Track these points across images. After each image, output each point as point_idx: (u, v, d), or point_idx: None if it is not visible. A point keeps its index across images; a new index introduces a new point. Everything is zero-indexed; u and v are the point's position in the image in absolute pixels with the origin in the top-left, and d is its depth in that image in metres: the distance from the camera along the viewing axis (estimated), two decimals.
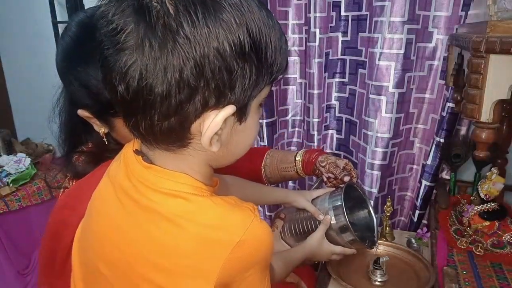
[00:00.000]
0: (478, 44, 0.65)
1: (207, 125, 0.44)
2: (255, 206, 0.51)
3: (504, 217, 1.06)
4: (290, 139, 1.58)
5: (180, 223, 0.45)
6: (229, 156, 0.52)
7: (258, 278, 0.49)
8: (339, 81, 1.45)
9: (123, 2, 0.41)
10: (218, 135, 0.45)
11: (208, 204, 0.47)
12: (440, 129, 1.26)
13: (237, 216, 0.47)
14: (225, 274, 0.45)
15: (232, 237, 0.45)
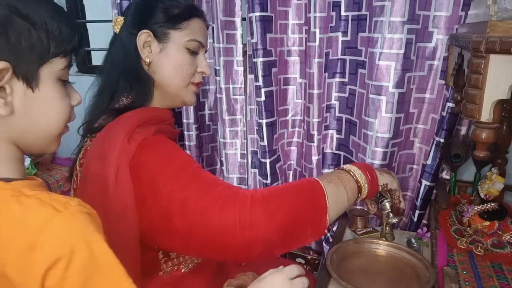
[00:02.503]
0: (478, 44, 0.65)
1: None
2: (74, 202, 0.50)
3: (504, 217, 1.06)
4: (290, 139, 1.58)
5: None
6: (33, 128, 0.53)
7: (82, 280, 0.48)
8: (339, 81, 1.45)
9: None
10: (3, 98, 0.49)
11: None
12: (440, 129, 1.26)
13: (35, 216, 0.47)
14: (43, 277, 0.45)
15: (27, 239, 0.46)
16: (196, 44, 0.89)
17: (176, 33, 0.87)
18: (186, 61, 0.88)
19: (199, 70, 0.92)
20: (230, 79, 1.52)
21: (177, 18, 0.87)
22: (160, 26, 0.86)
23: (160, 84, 0.88)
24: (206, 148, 1.71)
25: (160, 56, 0.87)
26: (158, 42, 0.86)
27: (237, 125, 1.58)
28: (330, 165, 1.56)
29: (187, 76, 0.89)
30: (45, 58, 0.51)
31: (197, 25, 0.90)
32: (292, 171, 1.63)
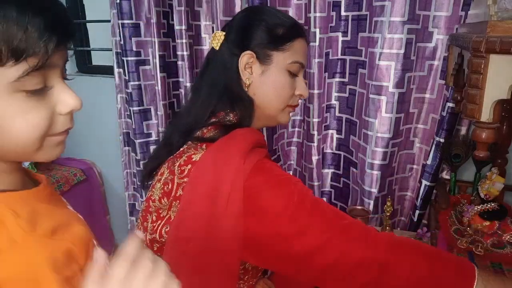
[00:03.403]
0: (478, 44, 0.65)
1: None
2: None
3: (504, 217, 1.06)
4: (290, 139, 1.58)
5: None
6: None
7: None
8: (339, 81, 1.45)
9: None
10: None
11: None
12: (440, 129, 1.26)
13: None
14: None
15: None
16: (298, 66, 0.84)
17: (279, 55, 0.82)
18: (287, 84, 0.84)
19: (297, 93, 0.87)
20: None
21: (281, 39, 0.82)
22: (263, 47, 0.82)
23: (258, 106, 0.84)
24: None
25: (261, 78, 0.83)
26: (260, 64, 0.82)
27: None
28: (330, 165, 1.56)
29: (286, 99, 0.85)
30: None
31: (300, 46, 0.85)
32: (292, 171, 1.63)
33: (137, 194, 1.86)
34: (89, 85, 2.06)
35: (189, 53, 1.52)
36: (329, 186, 1.58)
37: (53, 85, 0.46)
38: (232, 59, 0.82)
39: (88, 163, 2.19)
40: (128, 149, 1.85)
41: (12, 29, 0.40)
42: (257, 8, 0.92)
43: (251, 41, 0.82)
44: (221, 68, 0.84)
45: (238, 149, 0.72)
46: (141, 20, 1.58)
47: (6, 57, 0.41)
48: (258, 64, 0.82)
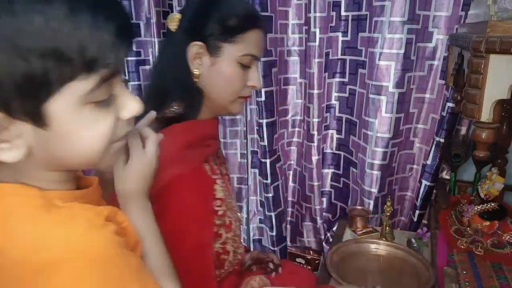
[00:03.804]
0: (478, 44, 0.65)
1: None
2: (106, 211, 0.46)
3: (504, 217, 1.06)
4: (290, 139, 1.58)
5: None
6: (65, 158, 0.45)
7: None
8: (339, 81, 1.45)
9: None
10: (7, 141, 0.40)
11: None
12: (440, 129, 1.26)
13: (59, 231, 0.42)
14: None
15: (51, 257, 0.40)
16: (250, 58, 0.81)
17: (230, 47, 0.79)
18: (237, 76, 0.81)
19: (249, 84, 0.84)
20: None
21: (232, 31, 0.79)
22: (213, 39, 0.78)
23: (208, 97, 0.83)
24: None
25: (210, 70, 0.80)
26: (209, 56, 0.79)
27: (237, 125, 1.58)
28: (330, 165, 1.56)
29: (237, 91, 0.83)
30: (50, 89, 0.38)
31: (254, 37, 0.81)
32: (292, 171, 1.63)
33: None
34: None
35: None
36: (329, 186, 1.58)
37: (117, 92, 0.45)
38: (182, 47, 0.79)
39: None
40: None
41: (86, 37, 0.37)
42: None
43: (200, 31, 0.79)
44: (171, 55, 0.82)
45: (169, 148, 0.69)
46: (141, 20, 1.58)
47: (79, 69, 0.38)
48: (208, 56, 0.79)
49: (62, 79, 0.38)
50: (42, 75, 0.37)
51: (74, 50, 0.37)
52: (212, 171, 0.82)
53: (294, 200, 1.66)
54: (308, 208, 1.59)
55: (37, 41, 0.36)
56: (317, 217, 1.57)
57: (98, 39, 0.38)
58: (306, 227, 1.64)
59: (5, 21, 0.35)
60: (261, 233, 1.68)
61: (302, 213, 1.63)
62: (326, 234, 1.58)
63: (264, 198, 1.53)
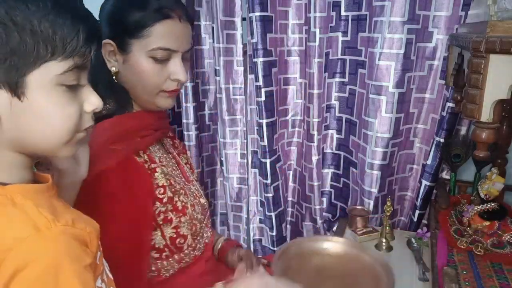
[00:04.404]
0: (478, 44, 0.65)
1: None
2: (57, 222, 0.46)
3: (504, 217, 1.06)
4: (290, 139, 1.58)
5: None
6: (28, 137, 0.48)
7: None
8: (339, 81, 1.45)
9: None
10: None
11: None
12: (440, 129, 1.26)
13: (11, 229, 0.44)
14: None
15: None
16: (164, 52, 0.80)
17: (138, 43, 0.79)
18: (152, 72, 0.80)
19: (172, 77, 0.83)
20: (230, 79, 1.52)
21: (135, 27, 0.78)
22: (120, 36, 0.79)
23: (131, 93, 0.85)
24: (206, 148, 1.71)
25: (124, 67, 0.81)
26: (120, 53, 0.81)
27: (237, 125, 1.58)
28: (330, 165, 1.56)
29: (155, 86, 0.82)
30: (30, 63, 0.45)
31: (164, 29, 0.79)
32: (292, 171, 1.63)
33: None
34: None
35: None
36: (329, 186, 1.58)
37: (84, 84, 0.52)
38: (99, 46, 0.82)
39: None
40: None
41: (68, 31, 0.47)
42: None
43: (108, 28, 0.80)
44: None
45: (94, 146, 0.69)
46: None
47: (59, 52, 0.47)
48: (119, 53, 0.80)
49: (44, 55, 0.46)
50: (29, 49, 0.45)
51: (58, 35, 0.46)
52: (151, 161, 0.84)
53: (294, 200, 1.66)
54: (308, 208, 1.59)
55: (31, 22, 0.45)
56: (317, 217, 1.57)
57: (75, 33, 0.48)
58: (306, 227, 1.64)
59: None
60: (261, 233, 1.68)
61: (302, 213, 1.63)
62: (326, 234, 1.58)
63: (264, 198, 1.53)
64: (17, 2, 0.44)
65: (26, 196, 0.47)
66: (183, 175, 0.96)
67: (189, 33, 0.85)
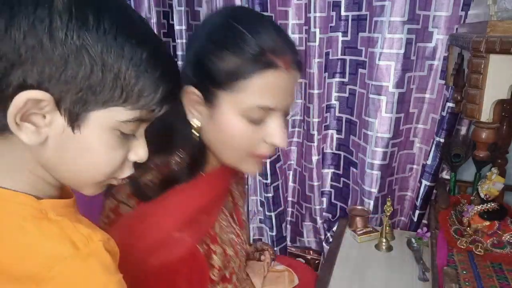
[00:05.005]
0: (478, 44, 0.65)
1: None
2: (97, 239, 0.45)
3: (504, 217, 1.06)
4: (290, 139, 1.58)
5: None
6: (63, 167, 0.47)
7: None
8: (339, 81, 1.45)
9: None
10: (36, 126, 0.43)
11: None
12: (440, 129, 1.26)
13: (50, 248, 0.43)
14: None
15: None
16: (261, 111, 0.61)
17: (228, 97, 0.60)
18: (243, 133, 0.62)
19: (268, 140, 0.64)
20: None
21: (227, 77, 0.59)
22: (207, 85, 0.61)
23: (211, 150, 0.68)
24: None
25: (208, 122, 0.63)
26: (205, 105, 0.62)
27: None
28: (330, 165, 1.56)
29: (244, 149, 0.65)
30: (100, 103, 0.44)
31: (265, 83, 0.59)
32: (292, 171, 1.63)
33: None
34: None
35: None
36: (329, 186, 1.58)
37: (138, 135, 0.50)
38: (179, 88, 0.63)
39: None
40: None
41: (149, 86, 0.45)
42: (220, 19, 0.63)
43: (193, 73, 0.62)
44: None
45: (165, 225, 0.61)
46: None
47: (131, 101, 0.45)
48: (204, 105, 0.63)
49: (116, 100, 0.44)
50: (105, 90, 0.43)
51: (137, 86, 0.44)
52: (211, 241, 0.70)
53: (294, 200, 1.66)
54: (308, 208, 1.59)
55: (119, 67, 0.43)
56: (317, 217, 1.57)
57: (154, 91, 0.46)
58: (306, 227, 1.64)
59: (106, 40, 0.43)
60: (261, 233, 1.68)
61: (302, 213, 1.63)
62: (326, 234, 1.58)
63: (264, 198, 1.53)
64: (114, 44, 0.43)
65: (59, 212, 0.46)
66: (238, 224, 0.80)
67: (296, 84, 0.66)
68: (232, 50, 0.58)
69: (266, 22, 0.62)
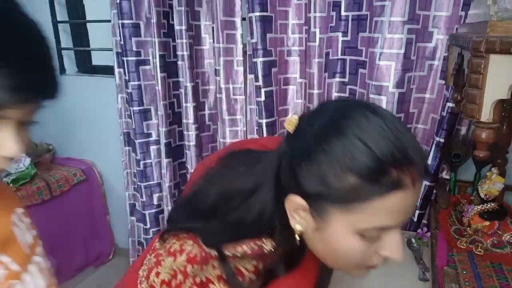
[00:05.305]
0: (478, 44, 0.65)
1: None
2: None
3: (504, 217, 1.06)
4: None
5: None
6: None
7: None
8: (339, 81, 1.45)
9: None
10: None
11: None
12: (440, 129, 1.26)
13: None
14: None
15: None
16: (380, 230, 0.55)
17: (341, 215, 0.52)
18: (356, 250, 0.55)
19: (381, 253, 0.58)
20: (230, 79, 1.52)
21: (346, 198, 0.50)
22: (316, 199, 0.52)
23: (315, 255, 0.61)
24: (206, 148, 1.71)
25: (315, 232, 0.56)
26: (312, 215, 0.54)
27: (237, 125, 1.58)
28: None
29: (354, 263, 0.58)
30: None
31: (390, 204, 0.51)
32: None
33: (137, 194, 1.86)
34: (89, 85, 2.06)
35: (189, 53, 1.52)
36: None
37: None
38: (282, 181, 0.56)
39: (88, 163, 2.19)
40: (129, 149, 1.85)
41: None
42: (338, 121, 0.52)
43: (304, 179, 0.52)
44: (268, 178, 0.57)
45: None
46: (141, 20, 1.58)
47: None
48: (311, 217, 0.54)
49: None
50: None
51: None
52: None
53: None
54: None
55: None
56: None
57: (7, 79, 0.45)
58: None
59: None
60: None
61: None
62: None
63: None
64: None
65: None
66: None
67: (419, 194, 0.59)
68: (348, 167, 0.49)
69: (386, 121, 0.50)
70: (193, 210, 0.60)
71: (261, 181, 0.58)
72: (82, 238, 2.14)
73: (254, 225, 0.57)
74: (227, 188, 0.59)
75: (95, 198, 2.19)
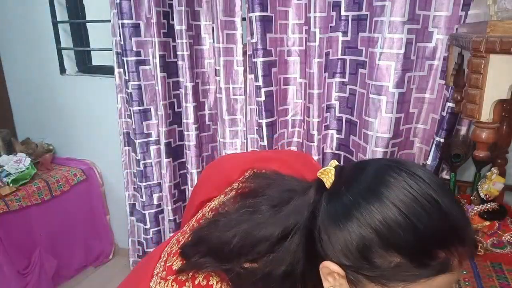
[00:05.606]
0: (478, 44, 0.65)
1: None
2: None
3: (504, 217, 1.06)
4: (290, 139, 1.58)
5: None
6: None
7: None
8: (339, 81, 1.45)
9: None
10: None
11: None
12: (440, 129, 1.26)
13: None
14: None
15: None
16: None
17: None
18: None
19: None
20: (230, 79, 1.52)
21: (390, 277, 0.48)
22: (355, 272, 0.51)
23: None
24: (206, 148, 1.71)
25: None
26: (347, 280, 0.52)
27: (237, 125, 1.58)
28: None
29: None
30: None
31: (434, 284, 0.48)
32: None
33: (137, 194, 1.86)
34: (89, 85, 2.06)
35: (189, 53, 1.52)
36: None
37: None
38: (315, 241, 0.53)
39: (88, 163, 2.19)
40: (128, 149, 1.85)
41: None
42: (379, 190, 0.49)
43: (343, 249, 0.50)
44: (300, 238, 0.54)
45: None
46: (141, 20, 1.58)
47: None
48: (345, 280, 0.52)
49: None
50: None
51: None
52: None
53: None
54: None
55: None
56: None
57: None
58: None
59: None
60: None
61: None
62: None
63: None
64: None
65: None
66: None
67: None
68: (391, 245, 0.46)
69: (432, 192, 0.47)
70: (212, 250, 0.58)
71: (291, 230, 0.54)
72: (82, 238, 2.14)
73: (285, 277, 0.54)
74: (252, 232, 0.56)
75: (95, 198, 2.19)
